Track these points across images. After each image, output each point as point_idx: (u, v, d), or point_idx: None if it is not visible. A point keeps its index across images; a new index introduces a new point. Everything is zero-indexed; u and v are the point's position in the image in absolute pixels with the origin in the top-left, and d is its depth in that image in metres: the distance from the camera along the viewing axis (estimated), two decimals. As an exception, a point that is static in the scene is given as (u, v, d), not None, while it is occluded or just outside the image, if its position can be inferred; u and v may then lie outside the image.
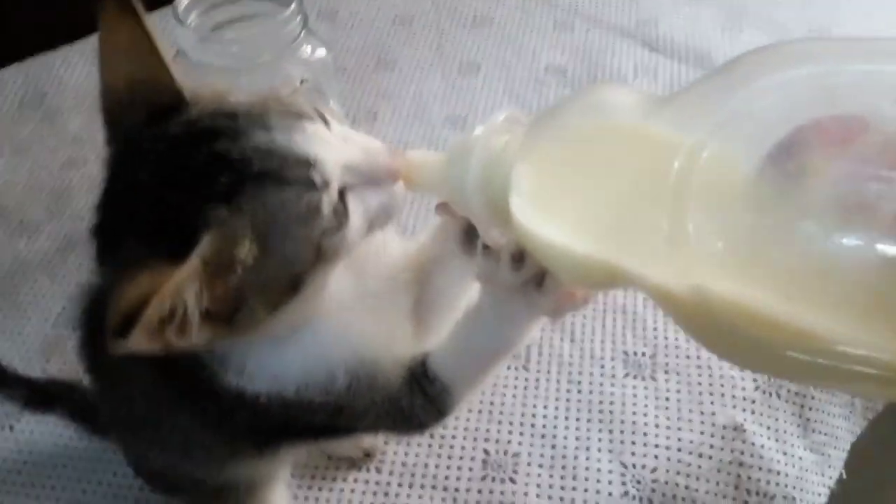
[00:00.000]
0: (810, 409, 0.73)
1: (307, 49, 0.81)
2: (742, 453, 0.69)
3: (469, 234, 0.50)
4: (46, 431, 0.75)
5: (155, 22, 0.43)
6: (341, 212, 0.41)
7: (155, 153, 0.40)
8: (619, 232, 0.35)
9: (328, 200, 0.40)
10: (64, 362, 0.80)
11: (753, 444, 0.70)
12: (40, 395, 0.71)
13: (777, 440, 0.71)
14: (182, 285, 0.36)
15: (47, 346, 0.82)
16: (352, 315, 0.49)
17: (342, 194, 0.41)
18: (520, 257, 0.44)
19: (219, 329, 0.40)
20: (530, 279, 0.45)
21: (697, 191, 0.33)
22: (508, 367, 0.76)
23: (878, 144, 0.30)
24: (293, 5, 0.80)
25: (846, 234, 0.30)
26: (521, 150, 0.39)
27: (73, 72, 1.16)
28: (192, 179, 0.39)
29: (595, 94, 0.39)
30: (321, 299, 0.45)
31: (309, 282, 0.42)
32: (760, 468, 0.69)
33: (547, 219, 0.38)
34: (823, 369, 0.31)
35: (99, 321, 0.53)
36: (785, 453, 0.71)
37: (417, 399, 0.50)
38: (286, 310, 0.42)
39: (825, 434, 0.74)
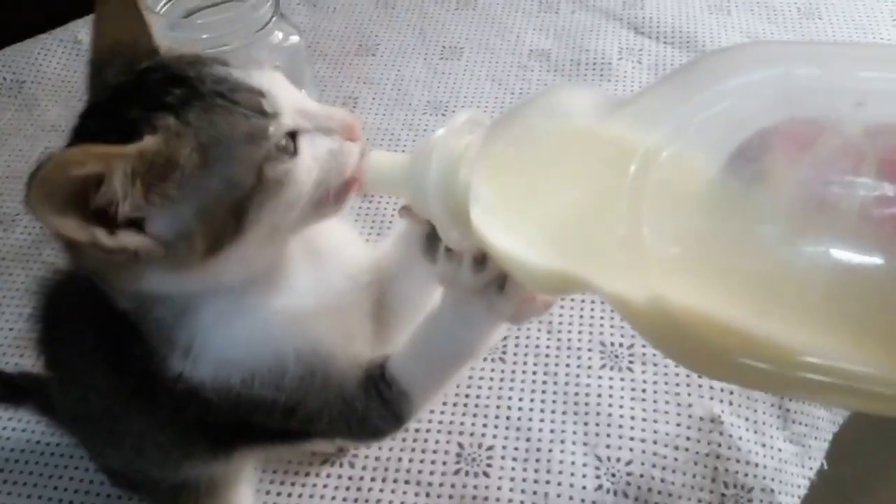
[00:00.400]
0: (790, 399, 0.72)
1: (278, 35, 0.80)
2: (719, 445, 0.69)
3: (431, 239, 0.49)
4: (18, 427, 0.74)
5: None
6: (289, 145, 0.43)
7: (120, 83, 0.43)
8: (576, 238, 0.35)
9: (276, 129, 0.42)
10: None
11: (731, 435, 0.69)
12: (11, 389, 0.70)
13: (756, 432, 0.70)
14: (110, 161, 0.37)
15: (21, 340, 0.81)
16: (307, 303, 0.48)
17: (293, 134, 0.43)
18: (482, 259, 0.43)
19: (153, 245, 0.40)
20: (491, 282, 0.44)
21: (653, 195, 0.32)
22: (485, 359, 0.75)
23: (837, 147, 0.29)
24: (268, -9, 0.78)
25: (805, 239, 0.29)
26: (480, 154, 0.39)
27: (52, 60, 1.14)
28: (148, 94, 0.41)
29: (554, 97, 0.39)
30: (268, 259, 0.46)
31: (252, 216, 0.41)
32: (738, 460, 0.68)
33: (506, 226, 0.38)
34: (778, 377, 0.30)
35: (56, 314, 0.53)
36: (764, 445, 0.70)
37: (373, 403, 0.49)
38: (228, 252, 0.42)
39: (806, 425, 0.73)
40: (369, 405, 0.49)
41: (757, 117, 0.31)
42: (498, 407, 0.72)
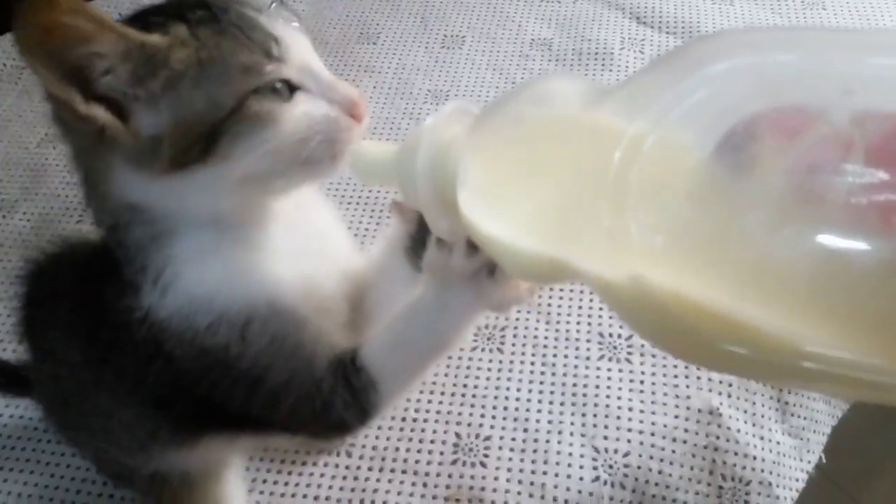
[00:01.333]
0: (789, 392, 0.72)
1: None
2: (717, 438, 0.69)
3: (415, 239, 0.50)
4: (16, 414, 0.74)
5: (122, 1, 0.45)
6: (285, 93, 0.43)
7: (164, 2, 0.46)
8: (562, 225, 0.35)
9: (273, 70, 0.43)
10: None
11: (729, 428, 0.69)
12: (12, 378, 0.71)
13: (754, 424, 0.70)
14: (102, 26, 0.40)
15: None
16: (287, 266, 0.48)
17: (293, 88, 0.44)
18: (474, 245, 0.43)
19: (120, 128, 0.42)
20: (482, 268, 0.44)
21: (637, 183, 0.32)
22: (483, 350, 0.75)
23: (824, 135, 0.29)
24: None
25: (792, 227, 0.29)
26: (468, 142, 0.39)
27: (51, 45, 1.14)
28: (177, 10, 0.44)
29: (541, 87, 0.39)
30: (245, 206, 0.46)
31: (224, 146, 0.42)
32: (736, 453, 0.68)
33: (494, 212, 0.38)
34: (764, 365, 0.30)
35: (35, 299, 0.53)
36: (762, 438, 0.70)
37: (340, 388, 0.48)
38: (194, 175, 0.43)
39: (804, 418, 0.73)
40: (336, 390, 0.48)
41: (743, 104, 0.31)
42: (496, 398, 0.72)
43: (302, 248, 0.50)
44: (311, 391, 0.48)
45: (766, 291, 0.29)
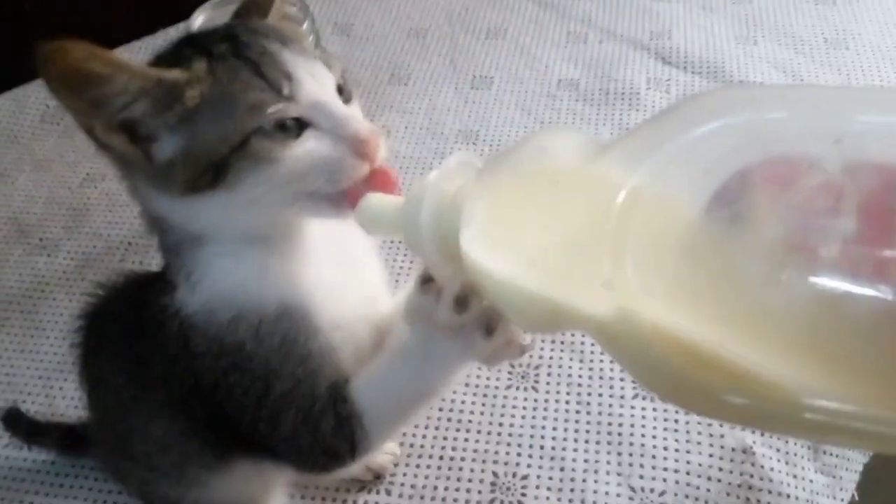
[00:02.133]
0: (820, 431, 0.73)
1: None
2: (751, 476, 0.69)
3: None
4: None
5: (170, 37, 0.49)
6: (293, 130, 0.45)
7: (211, 29, 0.51)
8: (562, 273, 0.36)
9: (278, 110, 0.44)
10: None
11: (763, 466, 0.70)
12: (72, 439, 0.73)
13: (787, 463, 0.71)
14: (114, 67, 0.43)
15: (65, 363, 0.84)
16: (308, 268, 0.50)
17: (303, 124, 0.45)
18: (463, 300, 0.44)
19: (136, 154, 0.45)
20: (473, 324, 0.44)
21: (637, 234, 0.33)
22: (517, 388, 0.77)
23: (818, 184, 0.30)
24: (305, 24, 0.80)
25: (787, 278, 0.29)
26: (472, 190, 0.40)
27: (92, 88, 1.17)
28: (202, 42, 0.47)
29: (541, 140, 0.40)
30: (259, 224, 0.48)
31: (232, 178, 0.44)
32: (770, 491, 0.69)
33: (495, 255, 0.38)
34: (765, 414, 0.31)
35: (91, 328, 0.56)
36: (795, 476, 0.71)
37: (328, 413, 0.49)
38: (207, 199, 0.45)
39: (836, 456, 0.73)
40: (325, 412, 0.49)
41: (735, 158, 0.32)
42: (532, 436, 0.73)
43: (332, 265, 0.51)
44: (307, 408, 0.49)
45: (763, 340, 0.30)
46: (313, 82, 0.46)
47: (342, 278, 0.52)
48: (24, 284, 0.93)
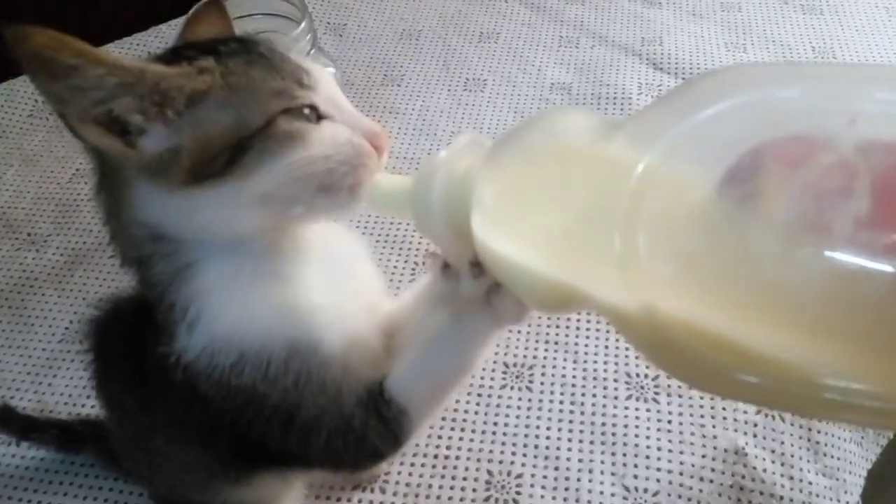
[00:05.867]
0: (818, 432, 0.74)
1: (316, 67, 0.82)
2: (743, 477, 0.70)
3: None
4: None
5: (163, 34, 0.48)
6: (312, 117, 0.45)
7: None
8: (574, 253, 0.36)
9: (304, 95, 0.44)
10: (71, 377, 0.81)
11: (755, 468, 0.71)
12: (69, 436, 0.73)
13: (782, 464, 0.72)
14: (98, 58, 0.40)
15: (54, 359, 0.83)
16: (310, 299, 0.48)
17: (320, 115, 0.45)
18: (478, 264, 0.43)
19: (119, 147, 0.43)
20: (493, 286, 0.45)
21: (649, 213, 0.33)
22: (511, 388, 0.77)
23: (831, 163, 0.30)
24: (303, 24, 0.80)
25: (799, 256, 0.29)
26: (483, 170, 0.40)
27: (82, 83, 1.16)
28: (207, 45, 0.46)
29: (552, 119, 0.40)
30: (262, 228, 0.46)
31: (249, 162, 0.42)
32: (762, 492, 0.70)
33: (507, 237, 0.38)
34: (778, 392, 0.31)
35: (99, 351, 0.55)
36: (791, 477, 0.71)
37: (372, 421, 0.49)
38: (212, 188, 0.43)
39: (838, 458, 0.74)
40: (368, 423, 0.49)
41: (748, 136, 0.32)
42: (526, 435, 0.73)
43: (329, 280, 0.50)
44: (341, 426, 0.48)
45: (777, 318, 0.30)
46: (326, 79, 0.46)
47: (341, 293, 0.50)
48: (13, 280, 0.91)
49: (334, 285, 0.50)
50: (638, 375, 0.77)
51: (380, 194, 0.45)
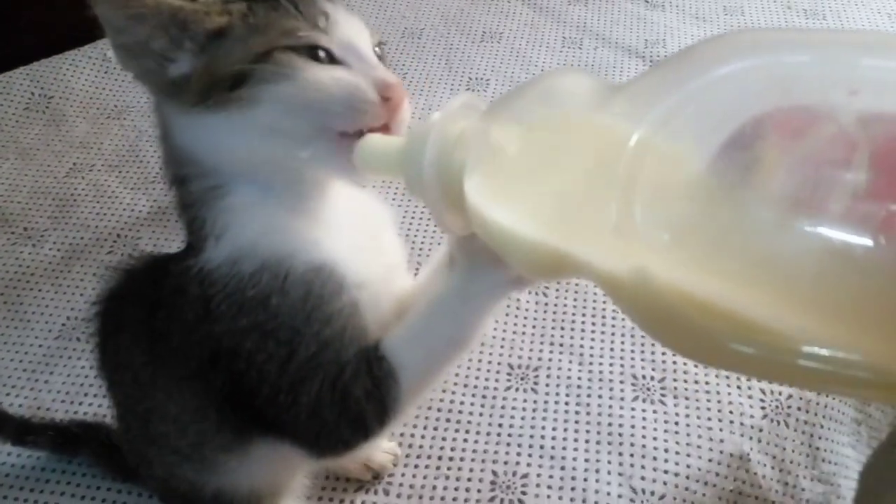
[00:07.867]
0: (819, 437, 0.74)
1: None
2: (743, 482, 0.70)
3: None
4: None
5: None
6: (325, 60, 0.46)
7: None
8: (569, 220, 0.35)
9: (310, 35, 0.45)
10: (67, 375, 0.80)
11: (756, 473, 0.70)
12: (66, 438, 0.71)
13: (781, 470, 0.71)
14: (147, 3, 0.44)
15: (50, 356, 0.82)
16: (330, 229, 0.49)
17: (336, 61, 0.46)
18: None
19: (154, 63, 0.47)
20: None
21: (646, 181, 0.32)
22: (517, 389, 0.76)
23: (831, 135, 0.29)
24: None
25: (795, 226, 0.29)
26: (476, 135, 0.39)
27: (80, 76, 1.15)
28: None
29: (550, 82, 0.39)
30: (271, 159, 0.47)
31: (249, 89, 0.45)
32: (757, 497, 0.69)
33: (500, 203, 0.37)
34: (769, 363, 0.31)
35: (111, 322, 0.54)
36: (786, 483, 0.71)
37: (361, 375, 0.48)
38: (218, 117, 0.46)
39: (834, 464, 0.74)
40: (358, 375, 0.48)
41: (749, 105, 0.31)
42: (531, 436, 0.73)
43: (352, 228, 0.51)
44: (334, 375, 0.48)
45: (770, 288, 0.29)
46: (349, 27, 0.47)
47: (365, 243, 0.51)
48: (9, 275, 0.90)
49: (358, 239, 0.51)
50: (644, 377, 0.76)
51: (369, 155, 0.43)
